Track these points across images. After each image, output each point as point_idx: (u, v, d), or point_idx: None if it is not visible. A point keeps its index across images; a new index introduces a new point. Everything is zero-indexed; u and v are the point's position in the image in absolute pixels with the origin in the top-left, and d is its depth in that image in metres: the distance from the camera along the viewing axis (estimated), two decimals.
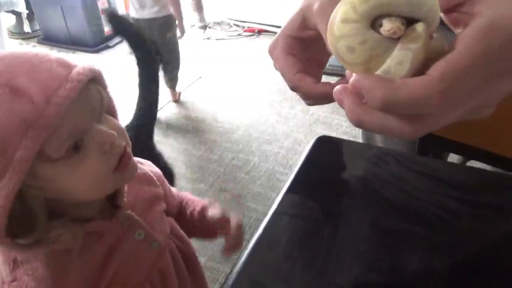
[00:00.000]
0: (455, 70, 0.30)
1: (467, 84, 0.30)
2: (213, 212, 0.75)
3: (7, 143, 0.46)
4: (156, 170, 0.79)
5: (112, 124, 0.58)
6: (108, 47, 3.60)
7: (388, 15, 0.31)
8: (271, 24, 3.74)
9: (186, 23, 3.23)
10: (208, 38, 3.82)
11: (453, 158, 1.12)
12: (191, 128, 2.55)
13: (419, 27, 0.31)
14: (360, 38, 0.32)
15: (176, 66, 2.71)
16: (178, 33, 2.60)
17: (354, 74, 0.34)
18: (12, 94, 0.47)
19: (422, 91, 0.30)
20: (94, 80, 0.56)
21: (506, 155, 0.82)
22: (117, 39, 3.68)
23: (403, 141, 0.99)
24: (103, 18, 3.55)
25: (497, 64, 0.31)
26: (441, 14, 0.35)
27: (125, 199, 0.66)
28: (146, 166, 0.78)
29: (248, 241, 0.51)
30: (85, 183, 0.54)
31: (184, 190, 2.02)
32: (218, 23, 4.03)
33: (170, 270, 0.73)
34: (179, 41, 2.67)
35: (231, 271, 0.48)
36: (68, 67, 0.53)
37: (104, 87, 0.59)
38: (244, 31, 3.92)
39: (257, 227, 0.55)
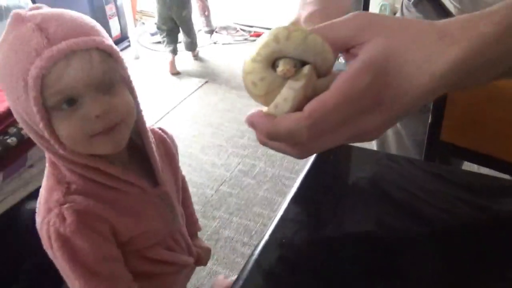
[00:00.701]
0: (322, 108, 0.36)
1: (332, 120, 0.36)
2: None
3: (25, 65, 0.58)
4: (173, 138, 0.90)
5: (118, 99, 0.64)
6: None
7: (285, 57, 0.39)
8: None
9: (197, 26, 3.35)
10: (215, 43, 3.83)
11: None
12: (197, 133, 2.56)
13: (305, 69, 0.38)
14: (260, 75, 0.40)
15: (193, 35, 3.38)
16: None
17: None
18: (37, 31, 0.58)
19: (294, 126, 0.36)
20: (112, 56, 0.64)
21: None
22: (124, 44, 3.70)
23: (416, 148, 0.98)
24: (111, 22, 3.58)
25: (361, 102, 0.36)
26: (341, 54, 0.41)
27: (162, 176, 0.76)
28: (168, 136, 0.88)
29: (255, 247, 0.51)
30: (64, 134, 0.62)
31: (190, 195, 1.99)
32: (225, 28, 4.04)
33: (183, 233, 0.86)
34: None
35: (238, 277, 0.48)
36: (98, 32, 0.64)
37: (122, 66, 0.67)
38: (251, 35, 3.92)
39: (264, 232, 0.55)
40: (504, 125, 0.82)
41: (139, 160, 0.74)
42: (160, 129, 0.87)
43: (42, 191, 0.70)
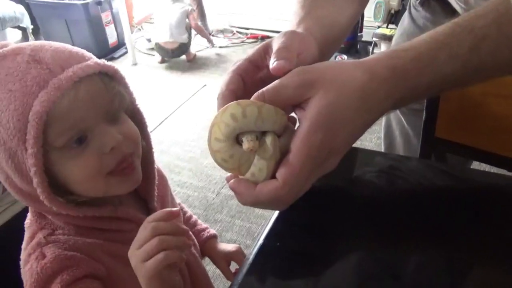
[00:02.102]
0: (292, 174, 0.43)
1: (302, 178, 0.44)
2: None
3: (24, 102, 0.52)
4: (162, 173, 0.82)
5: (126, 128, 0.60)
6: (113, 58, 3.63)
7: (246, 132, 0.43)
8: (274, 30, 3.75)
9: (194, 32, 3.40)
10: (212, 46, 3.84)
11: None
12: (197, 137, 2.56)
13: (268, 140, 0.43)
14: (229, 153, 0.44)
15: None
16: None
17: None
18: (33, 63, 0.53)
19: (274, 195, 0.43)
20: (115, 78, 0.60)
21: (509, 156, 0.81)
22: (121, 51, 3.71)
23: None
24: (107, 30, 3.59)
25: (320, 155, 0.43)
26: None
27: (155, 203, 0.70)
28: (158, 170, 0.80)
29: (250, 252, 0.51)
30: (76, 176, 0.56)
31: (191, 199, 2.02)
32: (221, 31, 4.05)
33: (197, 261, 0.79)
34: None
35: (232, 282, 0.48)
36: (91, 56, 0.59)
37: (125, 88, 0.62)
38: (248, 38, 3.93)
39: (262, 233, 0.55)
40: (498, 119, 0.83)
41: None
42: None
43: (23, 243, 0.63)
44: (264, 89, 0.44)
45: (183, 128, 2.69)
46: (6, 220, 1.47)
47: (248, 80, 0.50)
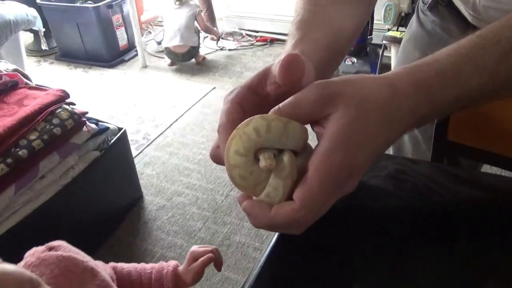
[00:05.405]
0: (310, 196, 0.40)
1: (320, 200, 0.41)
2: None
3: None
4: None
5: None
6: (123, 61, 3.65)
7: (263, 149, 0.41)
8: (283, 33, 3.76)
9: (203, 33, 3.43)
10: (221, 49, 3.85)
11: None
12: (206, 139, 2.57)
13: (285, 158, 0.41)
14: (249, 170, 0.41)
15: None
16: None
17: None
18: None
19: (291, 218, 0.41)
20: None
21: None
22: (131, 53, 3.74)
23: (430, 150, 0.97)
24: (118, 32, 3.61)
25: (340, 175, 0.40)
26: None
27: None
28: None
29: (262, 253, 0.51)
30: None
31: (200, 201, 2.03)
32: (231, 34, 4.06)
33: None
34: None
35: (244, 283, 0.48)
36: None
37: None
38: (257, 40, 3.94)
39: (274, 236, 0.55)
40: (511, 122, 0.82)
41: None
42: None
43: None
44: (280, 104, 0.42)
45: (193, 130, 2.70)
46: (19, 221, 1.49)
47: (247, 108, 0.47)
